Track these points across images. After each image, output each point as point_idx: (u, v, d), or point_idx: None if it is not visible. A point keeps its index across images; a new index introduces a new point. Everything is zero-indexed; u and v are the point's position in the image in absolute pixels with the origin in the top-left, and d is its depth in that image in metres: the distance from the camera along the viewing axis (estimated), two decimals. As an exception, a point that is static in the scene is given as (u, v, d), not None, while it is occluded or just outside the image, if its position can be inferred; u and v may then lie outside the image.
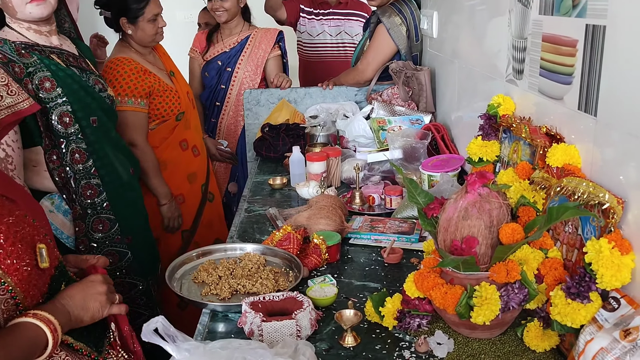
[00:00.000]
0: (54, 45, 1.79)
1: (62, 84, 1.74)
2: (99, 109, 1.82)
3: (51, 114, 1.73)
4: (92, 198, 1.82)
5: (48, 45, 1.78)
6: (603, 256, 1.00)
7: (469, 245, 1.13)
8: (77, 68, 1.81)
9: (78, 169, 1.78)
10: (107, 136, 1.86)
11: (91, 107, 1.81)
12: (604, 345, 0.95)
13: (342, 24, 3.34)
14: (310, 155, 2.11)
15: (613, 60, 1.10)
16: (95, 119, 1.81)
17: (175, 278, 1.48)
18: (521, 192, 1.28)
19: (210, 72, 2.93)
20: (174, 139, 2.45)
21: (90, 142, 1.80)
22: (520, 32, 1.53)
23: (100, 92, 1.83)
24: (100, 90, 1.83)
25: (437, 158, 2.03)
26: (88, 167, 1.79)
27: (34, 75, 1.68)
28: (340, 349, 1.19)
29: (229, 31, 2.92)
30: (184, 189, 2.55)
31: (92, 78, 1.83)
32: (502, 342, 1.19)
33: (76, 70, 1.80)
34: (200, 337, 1.27)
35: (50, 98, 1.72)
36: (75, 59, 1.83)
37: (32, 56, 1.70)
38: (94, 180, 1.81)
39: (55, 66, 1.74)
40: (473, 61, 2.00)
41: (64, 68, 1.76)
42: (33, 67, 1.69)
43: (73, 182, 1.77)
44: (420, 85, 2.50)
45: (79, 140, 1.77)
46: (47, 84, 1.71)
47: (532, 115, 1.49)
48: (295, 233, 1.58)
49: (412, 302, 1.23)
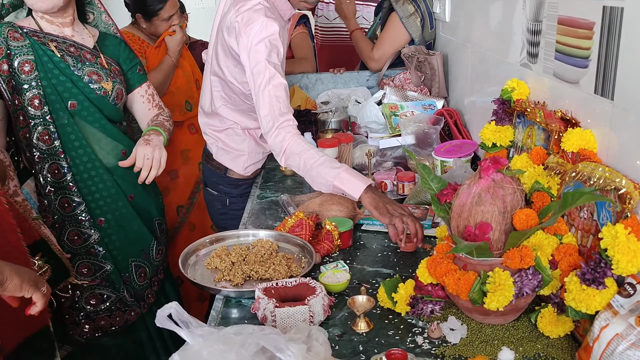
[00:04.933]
0: (62, 35, 1.89)
1: (42, 68, 1.83)
2: (81, 95, 1.88)
3: (24, 95, 1.81)
4: (57, 177, 1.87)
5: (54, 34, 1.88)
6: (619, 242, 0.99)
7: (483, 231, 1.12)
8: (74, 58, 1.88)
9: (42, 149, 1.85)
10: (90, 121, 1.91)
11: (71, 92, 1.87)
12: (619, 331, 0.94)
13: (360, 9, 3.31)
14: (322, 142, 2.10)
15: (631, 42, 1.08)
16: (75, 103, 1.87)
17: (189, 264, 1.49)
18: (535, 177, 1.27)
19: None
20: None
21: (62, 125, 1.86)
22: (535, 15, 1.50)
23: (91, 83, 1.89)
24: (92, 81, 1.89)
25: (450, 143, 2.01)
26: (54, 148, 1.85)
27: (15, 58, 1.80)
28: (353, 335, 1.20)
29: None
30: (177, 164, 2.68)
31: (87, 69, 1.90)
32: (516, 328, 1.18)
33: (70, 60, 1.87)
34: (213, 323, 1.28)
35: (27, 80, 1.81)
36: (78, 49, 1.90)
37: (25, 40, 1.82)
38: (60, 162, 1.86)
39: (43, 52, 1.83)
40: (486, 45, 1.97)
41: (52, 55, 1.84)
42: (18, 50, 1.81)
43: (38, 160, 1.85)
44: (432, 70, 2.47)
45: (48, 122, 1.83)
46: (27, 67, 1.81)
47: (546, 99, 1.47)
48: (307, 219, 1.58)
49: (425, 288, 1.22)
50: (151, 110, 2.11)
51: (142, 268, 2.07)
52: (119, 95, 1.97)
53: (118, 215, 1.98)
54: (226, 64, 1.93)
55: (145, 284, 2.08)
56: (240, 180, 2.14)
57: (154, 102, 2.13)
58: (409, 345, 1.15)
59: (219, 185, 2.18)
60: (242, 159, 2.10)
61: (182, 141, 2.72)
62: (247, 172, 2.13)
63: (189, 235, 2.74)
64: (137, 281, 2.05)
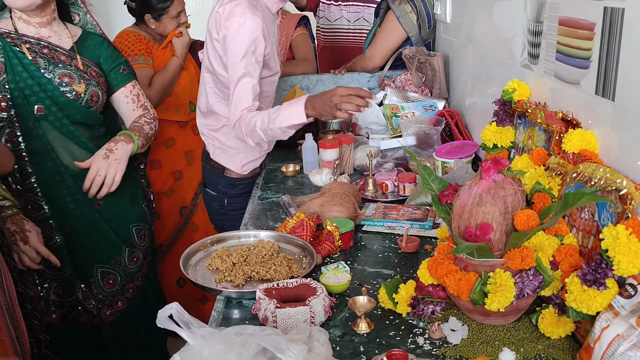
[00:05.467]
0: (37, 36, 1.87)
1: (11, 71, 1.82)
2: (48, 100, 1.86)
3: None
4: (23, 180, 1.88)
5: (29, 35, 1.87)
6: (620, 242, 0.99)
7: (484, 231, 1.12)
8: (46, 59, 1.86)
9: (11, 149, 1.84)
10: (56, 126, 1.89)
11: (39, 96, 1.85)
12: (620, 332, 0.94)
13: (361, 10, 3.31)
14: (323, 143, 2.11)
15: (632, 43, 1.08)
16: (42, 107, 1.86)
17: (190, 265, 1.49)
18: (536, 178, 1.27)
19: None
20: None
21: (27, 129, 1.85)
22: (536, 16, 1.50)
23: (61, 86, 1.87)
24: (63, 84, 1.87)
25: (451, 144, 2.02)
26: (20, 151, 1.85)
27: None
28: (354, 335, 1.20)
29: None
30: (181, 165, 2.71)
31: (58, 72, 1.87)
32: (517, 329, 1.18)
33: (42, 62, 1.85)
34: (214, 323, 1.28)
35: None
36: (52, 51, 1.88)
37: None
38: (25, 165, 1.87)
39: (14, 54, 1.83)
40: (487, 46, 1.98)
41: (23, 57, 1.83)
42: None
43: None
44: (433, 71, 2.48)
45: (14, 125, 1.83)
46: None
47: (547, 100, 1.47)
48: (308, 220, 1.58)
49: (425, 289, 1.22)
50: (135, 111, 2.07)
51: (110, 275, 2.03)
52: (94, 98, 1.93)
53: (83, 221, 1.95)
54: (215, 57, 1.95)
55: (115, 291, 2.04)
56: (237, 179, 2.14)
57: (139, 103, 2.08)
58: (409, 346, 1.15)
59: (218, 186, 2.19)
60: (238, 157, 2.11)
61: (187, 142, 2.73)
62: (245, 171, 2.13)
63: (192, 236, 2.75)
64: (103, 287, 2.02)
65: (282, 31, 2.88)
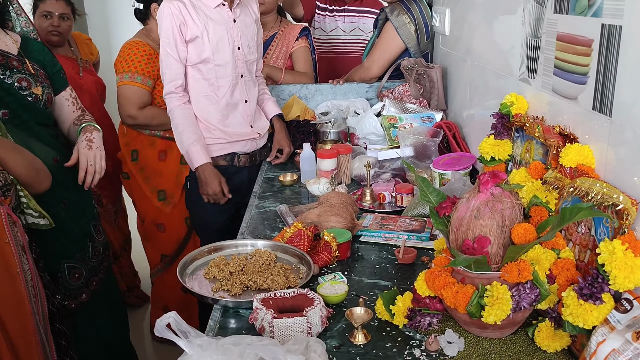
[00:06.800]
0: None
1: None
2: (14, 103, 1.90)
3: None
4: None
5: None
6: (616, 257, 1.00)
7: (481, 244, 1.13)
8: (2, 66, 1.90)
9: None
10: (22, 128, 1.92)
11: (3, 101, 1.89)
12: (616, 346, 0.95)
13: (356, 20, 3.34)
14: (321, 152, 2.12)
15: (629, 60, 1.10)
16: (7, 112, 1.89)
17: (187, 274, 1.49)
18: (534, 191, 1.28)
19: None
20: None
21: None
22: (534, 31, 1.52)
23: (21, 90, 1.91)
24: (22, 88, 1.91)
25: (449, 156, 2.03)
26: None
27: None
28: (350, 347, 1.20)
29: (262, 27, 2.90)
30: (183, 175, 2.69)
31: (15, 76, 1.92)
32: (513, 342, 1.19)
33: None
34: (211, 333, 1.28)
35: None
36: (4, 57, 1.92)
37: None
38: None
39: None
40: (485, 59, 1.99)
41: None
42: None
43: None
44: (431, 82, 2.49)
45: None
46: None
47: (545, 114, 1.48)
48: (305, 230, 1.58)
49: (422, 301, 1.23)
50: (75, 112, 2.15)
51: (76, 269, 2.09)
52: (49, 100, 2.00)
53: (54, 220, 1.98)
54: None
55: (80, 284, 2.10)
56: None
57: (78, 105, 2.16)
58: (406, 357, 1.16)
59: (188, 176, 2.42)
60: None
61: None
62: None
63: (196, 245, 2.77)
64: (69, 281, 2.07)
65: (283, 41, 2.89)
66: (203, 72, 2.21)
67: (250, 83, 2.35)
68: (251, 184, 2.32)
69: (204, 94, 2.24)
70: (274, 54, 2.89)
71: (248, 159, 2.37)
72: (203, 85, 2.23)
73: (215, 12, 2.21)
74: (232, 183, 2.32)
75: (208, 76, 2.22)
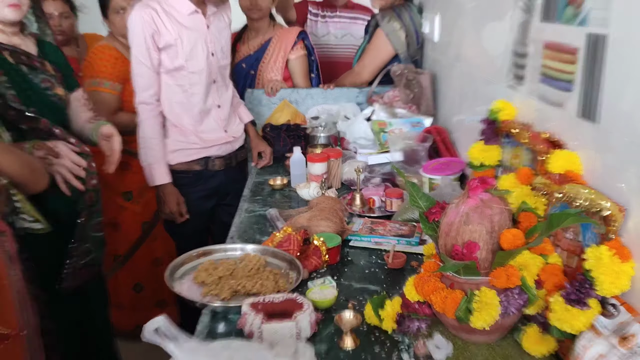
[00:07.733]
0: (12, 44, 1.90)
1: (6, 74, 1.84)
2: (39, 103, 1.90)
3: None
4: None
5: (5, 43, 1.88)
6: (603, 263, 1.01)
7: (470, 250, 1.13)
8: (27, 66, 1.90)
9: None
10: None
11: (31, 99, 1.88)
12: (602, 351, 0.96)
13: (348, 26, 3.35)
14: (311, 156, 2.12)
15: (615, 67, 1.11)
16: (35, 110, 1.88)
17: (175, 278, 1.48)
18: (522, 197, 1.29)
19: (236, 75, 2.89)
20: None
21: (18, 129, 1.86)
22: (521, 39, 1.53)
23: (46, 90, 1.91)
24: (48, 88, 1.92)
25: (438, 161, 2.04)
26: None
27: None
28: (339, 351, 1.20)
29: (255, 33, 2.87)
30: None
31: (40, 76, 1.92)
32: (501, 347, 1.19)
33: (24, 68, 1.89)
34: (200, 337, 1.27)
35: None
36: (28, 58, 1.92)
37: None
38: None
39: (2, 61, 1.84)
40: (474, 65, 2.01)
41: (11, 63, 1.86)
42: None
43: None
44: (421, 88, 2.51)
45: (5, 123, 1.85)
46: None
47: (533, 121, 1.50)
48: (295, 234, 1.58)
49: (411, 306, 1.23)
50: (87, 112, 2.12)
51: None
52: (68, 101, 2.00)
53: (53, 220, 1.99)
54: None
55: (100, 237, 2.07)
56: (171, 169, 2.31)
57: (90, 106, 2.14)
58: (395, 362, 1.16)
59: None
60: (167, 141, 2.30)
61: None
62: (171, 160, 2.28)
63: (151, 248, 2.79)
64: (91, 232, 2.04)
65: (280, 45, 2.87)
66: (176, 79, 2.21)
67: (223, 88, 2.35)
68: (229, 186, 2.32)
69: (177, 101, 2.23)
70: (271, 59, 2.87)
71: (223, 163, 2.36)
72: (176, 92, 2.22)
73: (189, 20, 2.19)
74: (207, 188, 2.33)
75: (181, 82, 2.21)
